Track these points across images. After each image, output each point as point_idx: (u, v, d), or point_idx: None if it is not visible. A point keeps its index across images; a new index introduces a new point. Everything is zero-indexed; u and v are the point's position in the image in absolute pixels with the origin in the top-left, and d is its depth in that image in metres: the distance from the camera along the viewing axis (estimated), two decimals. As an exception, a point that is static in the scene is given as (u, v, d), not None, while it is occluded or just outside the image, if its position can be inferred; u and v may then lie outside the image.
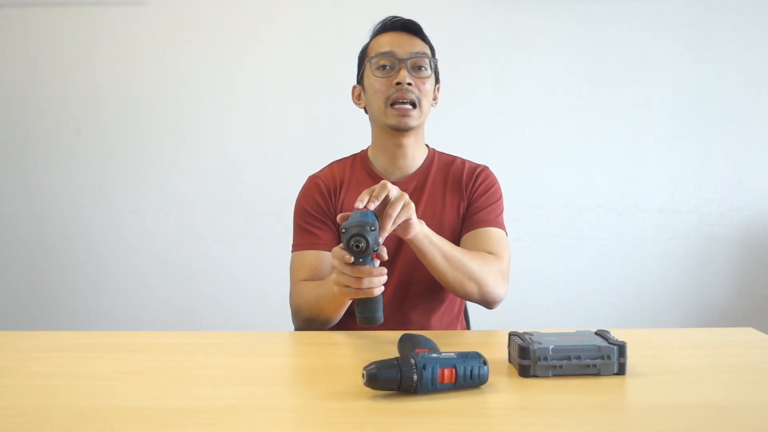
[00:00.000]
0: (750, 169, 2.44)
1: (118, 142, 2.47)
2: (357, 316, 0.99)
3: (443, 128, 2.28)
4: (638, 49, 2.41)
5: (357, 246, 0.92)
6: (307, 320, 1.19)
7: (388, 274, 0.98)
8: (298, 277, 1.25)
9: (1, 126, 2.48)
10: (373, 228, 0.94)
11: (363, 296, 0.97)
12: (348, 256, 0.94)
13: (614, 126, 2.44)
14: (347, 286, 0.96)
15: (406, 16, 1.33)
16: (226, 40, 2.44)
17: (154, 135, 2.46)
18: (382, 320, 0.99)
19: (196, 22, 2.43)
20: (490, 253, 1.21)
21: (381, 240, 0.96)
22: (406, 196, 1.00)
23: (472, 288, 1.15)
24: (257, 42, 2.44)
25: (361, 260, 0.95)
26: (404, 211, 0.98)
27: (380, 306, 0.99)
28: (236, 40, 2.44)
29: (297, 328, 1.25)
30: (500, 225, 1.28)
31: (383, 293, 1.00)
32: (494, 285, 1.16)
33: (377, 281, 0.96)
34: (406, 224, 1.01)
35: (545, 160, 2.45)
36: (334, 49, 2.39)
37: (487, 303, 1.19)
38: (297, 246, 1.29)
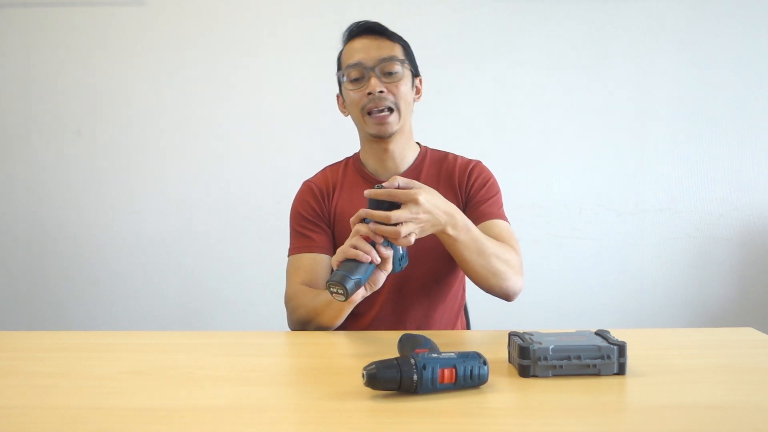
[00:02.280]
0: (750, 169, 2.44)
1: (117, 142, 2.47)
2: (331, 274, 0.97)
3: (443, 128, 2.29)
4: (638, 49, 2.41)
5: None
6: (303, 322, 1.19)
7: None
8: (294, 279, 1.26)
9: (1, 126, 2.48)
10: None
11: (355, 257, 0.96)
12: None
13: (614, 126, 2.44)
14: (354, 247, 0.96)
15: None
16: (226, 40, 2.44)
17: (154, 135, 2.46)
18: (349, 295, 0.95)
19: (196, 22, 2.44)
20: None
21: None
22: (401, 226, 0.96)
23: (493, 281, 1.14)
24: (257, 42, 2.44)
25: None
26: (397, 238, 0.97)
27: (358, 277, 0.95)
28: (236, 40, 2.44)
29: (292, 329, 1.25)
30: (504, 217, 1.28)
31: (380, 291, 1.01)
32: (514, 277, 1.16)
33: (375, 254, 0.96)
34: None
35: (545, 160, 2.45)
36: (334, 49, 2.37)
37: (507, 296, 1.19)
38: (293, 249, 1.30)
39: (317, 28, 2.42)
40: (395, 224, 0.95)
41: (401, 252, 1.02)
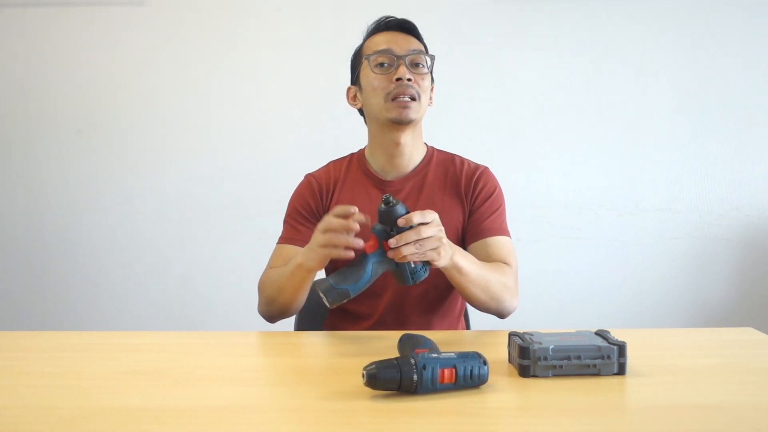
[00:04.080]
0: (750, 169, 2.43)
1: (118, 142, 2.46)
2: (330, 290, 0.96)
3: (443, 128, 2.28)
4: (638, 49, 2.41)
5: (387, 200, 0.96)
6: (269, 301, 1.20)
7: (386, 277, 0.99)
8: (272, 265, 1.27)
9: (2, 126, 2.48)
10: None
11: (338, 244, 0.96)
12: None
13: (614, 126, 2.43)
14: (329, 243, 0.98)
15: (407, 15, 1.32)
16: (226, 40, 2.44)
17: (154, 135, 2.46)
18: (331, 305, 0.96)
19: (196, 22, 2.43)
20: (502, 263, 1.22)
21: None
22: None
23: (491, 305, 1.17)
24: (257, 42, 2.44)
25: (379, 227, 0.97)
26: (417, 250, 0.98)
27: (345, 287, 0.96)
28: (236, 40, 2.44)
29: (260, 312, 1.24)
30: (506, 232, 1.28)
31: (381, 297, 1.01)
32: (510, 300, 1.18)
33: (355, 242, 0.97)
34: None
35: (545, 160, 2.45)
36: (333, 49, 2.38)
37: (501, 315, 1.21)
38: (281, 239, 1.32)
39: (317, 28, 2.42)
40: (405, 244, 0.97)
41: (413, 265, 1.00)
